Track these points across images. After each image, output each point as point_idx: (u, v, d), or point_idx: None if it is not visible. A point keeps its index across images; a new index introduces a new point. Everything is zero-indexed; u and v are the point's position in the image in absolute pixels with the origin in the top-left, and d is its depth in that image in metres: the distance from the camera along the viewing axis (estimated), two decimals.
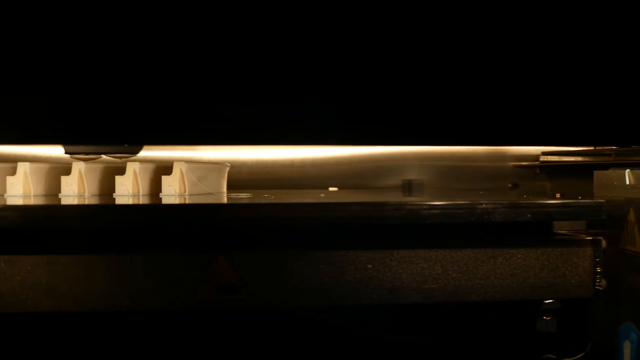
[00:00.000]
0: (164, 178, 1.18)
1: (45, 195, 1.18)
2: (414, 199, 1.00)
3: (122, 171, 1.19)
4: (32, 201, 1.12)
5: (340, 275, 0.95)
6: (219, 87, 1.44)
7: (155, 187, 1.20)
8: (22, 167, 1.16)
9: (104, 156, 1.40)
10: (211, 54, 1.43)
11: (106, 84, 1.41)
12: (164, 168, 1.21)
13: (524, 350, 1.05)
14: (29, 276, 0.91)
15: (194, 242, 0.96)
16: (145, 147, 1.45)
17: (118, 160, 1.31)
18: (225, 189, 1.33)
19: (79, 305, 0.92)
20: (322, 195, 1.23)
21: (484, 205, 0.97)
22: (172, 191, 1.18)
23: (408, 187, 1.55)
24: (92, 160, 1.21)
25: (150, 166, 1.20)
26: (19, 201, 1.12)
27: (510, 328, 1.06)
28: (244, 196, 1.20)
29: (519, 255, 0.98)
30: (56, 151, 1.47)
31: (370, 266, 0.96)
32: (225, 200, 1.13)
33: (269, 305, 0.95)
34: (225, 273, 0.94)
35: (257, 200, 1.07)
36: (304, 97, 1.46)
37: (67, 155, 1.24)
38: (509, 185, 1.56)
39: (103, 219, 0.94)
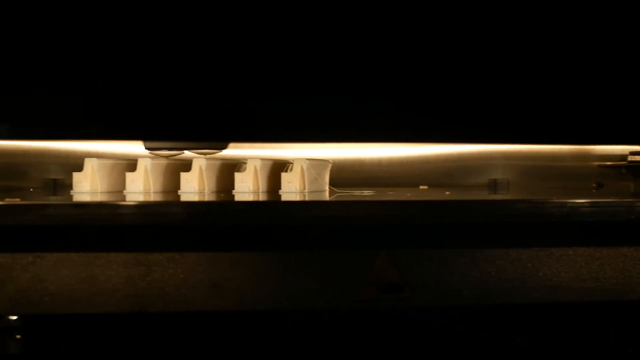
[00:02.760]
0: (284, 175, 1.15)
1: (164, 192, 1.15)
2: (574, 198, 0.98)
3: (240, 168, 1.16)
4: (151, 198, 1.09)
5: (501, 274, 0.94)
6: (313, 85, 1.43)
7: (272, 184, 1.17)
8: (142, 163, 1.13)
9: (186, 152, 1.38)
10: (309, 49, 1.42)
11: (196, 82, 1.39)
12: (281, 165, 1.18)
13: None
14: (191, 274, 0.88)
15: (353, 240, 0.94)
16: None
17: (203, 156, 1.28)
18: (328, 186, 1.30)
19: (240, 304, 0.89)
20: (447, 192, 1.22)
21: None
22: (292, 188, 1.15)
23: (494, 186, 1.53)
24: (210, 156, 1.18)
25: (269, 163, 1.18)
26: (140, 198, 1.08)
27: None
28: (367, 193, 1.18)
29: None
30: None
31: (530, 265, 0.94)
32: (331, 198, 1.11)
33: (430, 305, 0.93)
34: (387, 271, 0.92)
35: (404, 198, 1.05)
36: (395, 96, 1.45)
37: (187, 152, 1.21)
38: (593, 185, 1.55)
39: (268, 216, 0.91)
